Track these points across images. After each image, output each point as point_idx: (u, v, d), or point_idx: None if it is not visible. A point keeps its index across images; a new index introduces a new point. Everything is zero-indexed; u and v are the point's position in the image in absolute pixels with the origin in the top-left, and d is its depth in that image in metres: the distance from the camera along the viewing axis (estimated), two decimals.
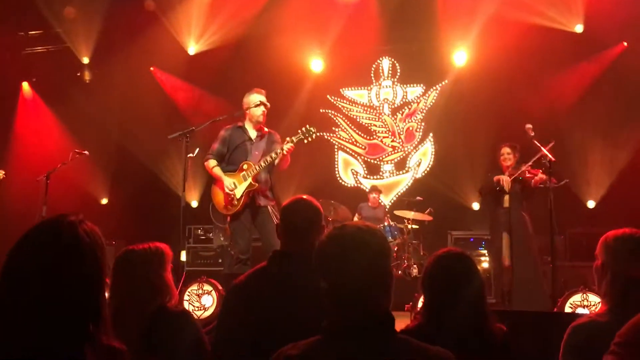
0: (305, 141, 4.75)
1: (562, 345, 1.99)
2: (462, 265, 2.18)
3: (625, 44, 7.96)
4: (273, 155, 4.68)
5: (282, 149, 4.63)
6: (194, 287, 4.77)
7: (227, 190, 4.70)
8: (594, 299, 4.30)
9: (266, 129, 5.01)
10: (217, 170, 4.83)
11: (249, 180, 4.71)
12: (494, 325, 2.16)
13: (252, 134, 4.93)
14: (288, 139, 4.69)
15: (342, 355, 1.38)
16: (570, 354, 1.97)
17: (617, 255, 1.99)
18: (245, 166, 4.77)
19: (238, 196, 4.70)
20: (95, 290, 1.45)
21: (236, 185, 4.72)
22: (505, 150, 5.84)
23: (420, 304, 4.43)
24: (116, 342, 1.45)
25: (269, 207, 4.80)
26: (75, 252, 1.42)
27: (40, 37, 8.84)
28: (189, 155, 4.72)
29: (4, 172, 6.35)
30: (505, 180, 5.61)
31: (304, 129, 4.75)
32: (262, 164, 4.70)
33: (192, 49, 8.90)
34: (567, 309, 4.30)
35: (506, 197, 5.74)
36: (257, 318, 2.08)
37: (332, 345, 1.40)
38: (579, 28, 7.87)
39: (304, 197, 2.42)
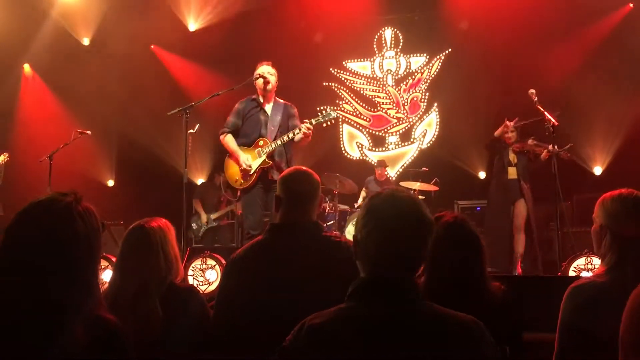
0: (325, 125, 4.64)
1: (562, 306, 1.99)
2: (460, 228, 2.17)
3: (631, 5, 7.81)
4: (290, 135, 4.59)
5: (300, 130, 4.53)
6: (198, 262, 4.78)
7: (243, 166, 4.63)
8: (598, 262, 4.22)
9: (281, 100, 4.90)
10: (232, 144, 4.75)
11: (263, 157, 4.64)
12: (491, 284, 2.16)
13: (266, 105, 4.83)
14: (306, 120, 4.57)
15: (367, 320, 1.37)
16: (570, 314, 1.96)
17: (615, 216, 1.98)
18: (261, 142, 4.69)
19: (251, 172, 4.65)
20: (86, 270, 1.48)
21: (250, 161, 4.66)
22: (509, 129, 6.21)
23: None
24: (108, 315, 1.47)
25: None
26: (68, 235, 1.45)
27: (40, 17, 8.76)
28: (189, 132, 4.65)
29: (8, 155, 6.37)
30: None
31: (324, 111, 4.62)
32: (279, 142, 4.61)
33: (193, 25, 8.85)
34: (571, 273, 4.29)
35: (512, 169, 6.13)
36: (254, 290, 2.08)
37: (357, 311, 1.39)
38: None
39: (303, 168, 2.38)
